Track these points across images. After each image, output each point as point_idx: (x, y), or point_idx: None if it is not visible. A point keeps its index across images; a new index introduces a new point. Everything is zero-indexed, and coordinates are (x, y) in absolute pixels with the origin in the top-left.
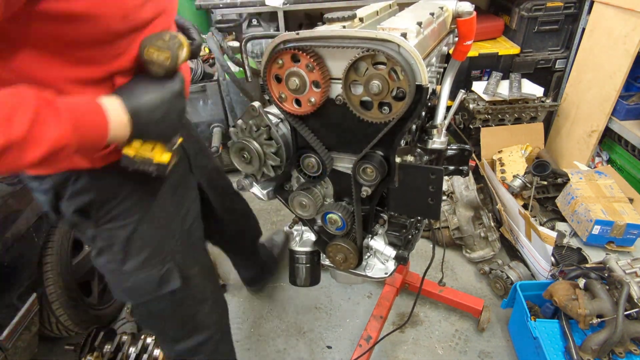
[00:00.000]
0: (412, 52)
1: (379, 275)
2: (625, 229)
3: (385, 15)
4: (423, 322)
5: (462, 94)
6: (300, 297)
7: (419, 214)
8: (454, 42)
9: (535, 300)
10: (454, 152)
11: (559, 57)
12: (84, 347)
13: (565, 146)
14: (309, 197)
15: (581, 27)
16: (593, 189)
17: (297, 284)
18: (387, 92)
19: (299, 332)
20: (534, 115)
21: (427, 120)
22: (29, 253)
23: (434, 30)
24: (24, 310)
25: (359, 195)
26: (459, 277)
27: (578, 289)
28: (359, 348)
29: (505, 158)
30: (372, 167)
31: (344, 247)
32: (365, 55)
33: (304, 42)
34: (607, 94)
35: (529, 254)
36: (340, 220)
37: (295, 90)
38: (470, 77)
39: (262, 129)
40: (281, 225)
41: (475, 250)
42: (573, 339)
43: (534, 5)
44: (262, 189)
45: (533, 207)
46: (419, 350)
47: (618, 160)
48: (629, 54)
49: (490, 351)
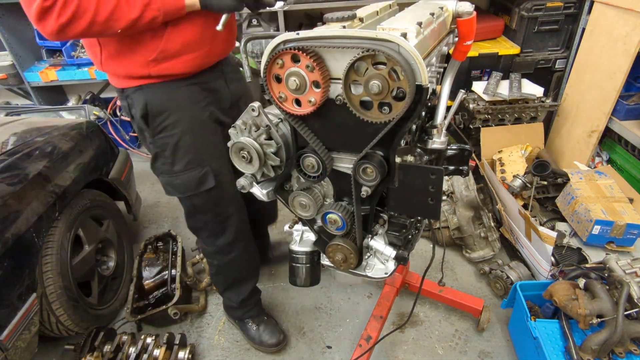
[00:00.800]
0: (412, 52)
1: (379, 275)
2: (625, 229)
3: (385, 15)
4: (423, 322)
5: (462, 94)
6: (300, 297)
7: (419, 214)
8: (454, 42)
9: (535, 300)
10: (454, 152)
11: (559, 57)
12: (84, 347)
13: (565, 146)
14: (309, 197)
15: (581, 27)
16: (593, 189)
17: (297, 284)
18: (387, 92)
19: (299, 332)
20: (534, 115)
21: (427, 120)
22: (29, 253)
23: (434, 31)
24: (24, 310)
25: (359, 195)
26: (459, 277)
27: (578, 289)
28: (359, 348)
29: (505, 158)
30: (372, 167)
31: (344, 247)
32: (365, 55)
33: (304, 42)
34: (607, 94)
35: (529, 254)
36: (340, 220)
37: (296, 90)
38: (470, 77)
39: (262, 129)
40: (281, 225)
41: (475, 250)
42: (573, 339)
43: (534, 5)
44: (262, 189)
45: (533, 207)
46: (419, 350)
47: (618, 160)
48: (629, 54)
49: (490, 351)
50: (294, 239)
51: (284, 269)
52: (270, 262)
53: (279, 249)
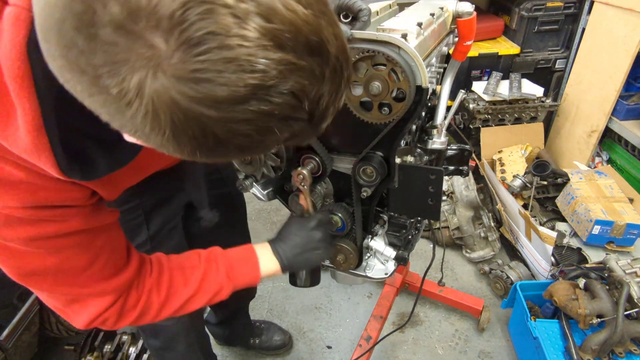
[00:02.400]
0: (412, 54)
1: (379, 275)
2: (625, 229)
3: (385, 16)
4: (423, 322)
5: (462, 94)
6: (300, 297)
7: (419, 214)
8: (454, 42)
9: (535, 300)
10: (454, 152)
11: (559, 57)
12: (84, 347)
13: (565, 146)
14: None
15: (581, 27)
16: (593, 189)
17: (297, 284)
18: (387, 93)
19: (299, 332)
20: (534, 115)
21: (427, 121)
22: None
23: (434, 31)
24: (24, 310)
25: (359, 195)
26: (459, 277)
27: (578, 289)
28: (359, 348)
29: (505, 158)
30: (372, 168)
31: (344, 247)
32: (365, 56)
33: None
34: (607, 94)
35: (529, 254)
36: (340, 220)
37: None
38: (470, 77)
39: None
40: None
41: (475, 250)
42: (573, 339)
43: (534, 5)
44: (262, 190)
45: (533, 207)
46: (419, 350)
47: (618, 160)
48: (629, 54)
49: (490, 351)
50: None
51: None
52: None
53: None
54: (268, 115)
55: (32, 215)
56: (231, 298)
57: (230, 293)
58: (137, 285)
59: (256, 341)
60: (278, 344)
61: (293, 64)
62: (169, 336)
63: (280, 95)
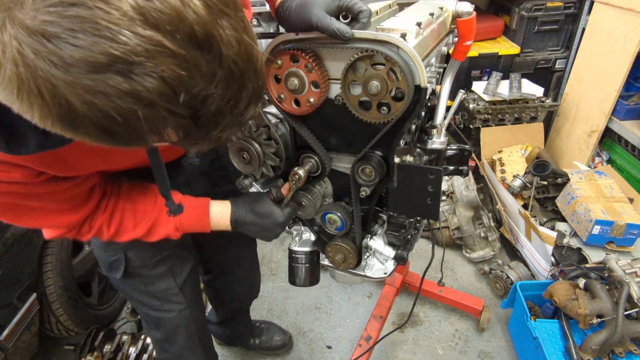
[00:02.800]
0: (410, 54)
1: (378, 275)
2: (625, 229)
3: (385, 15)
4: (423, 322)
5: (462, 94)
6: (300, 297)
7: (418, 214)
8: (454, 42)
9: (535, 300)
10: (454, 152)
11: (559, 57)
12: (84, 347)
13: (565, 146)
14: (308, 197)
15: (581, 27)
16: (593, 189)
17: (297, 284)
18: (385, 92)
19: (299, 332)
20: (534, 115)
21: (426, 120)
22: (29, 253)
23: (433, 31)
24: (24, 310)
25: (358, 195)
26: (459, 277)
27: (578, 289)
28: (359, 348)
29: (505, 158)
30: (371, 168)
31: (343, 247)
32: (364, 55)
33: (303, 43)
34: (607, 94)
35: (529, 254)
36: (339, 220)
37: (294, 91)
38: (470, 77)
39: (262, 129)
40: None
41: (475, 250)
42: (573, 339)
43: (534, 5)
44: (261, 189)
45: (533, 207)
46: (419, 350)
47: (618, 160)
48: (629, 54)
49: (490, 351)
50: (294, 239)
51: (284, 269)
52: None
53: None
54: (130, 95)
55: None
56: (233, 297)
57: (179, 237)
58: (90, 220)
59: (256, 341)
60: (278, 344)
61: (166, 48)
62: (169, 328)
63: (145, 76)
